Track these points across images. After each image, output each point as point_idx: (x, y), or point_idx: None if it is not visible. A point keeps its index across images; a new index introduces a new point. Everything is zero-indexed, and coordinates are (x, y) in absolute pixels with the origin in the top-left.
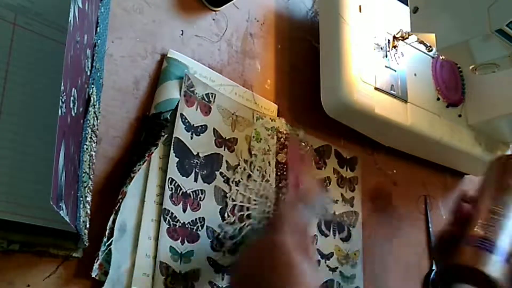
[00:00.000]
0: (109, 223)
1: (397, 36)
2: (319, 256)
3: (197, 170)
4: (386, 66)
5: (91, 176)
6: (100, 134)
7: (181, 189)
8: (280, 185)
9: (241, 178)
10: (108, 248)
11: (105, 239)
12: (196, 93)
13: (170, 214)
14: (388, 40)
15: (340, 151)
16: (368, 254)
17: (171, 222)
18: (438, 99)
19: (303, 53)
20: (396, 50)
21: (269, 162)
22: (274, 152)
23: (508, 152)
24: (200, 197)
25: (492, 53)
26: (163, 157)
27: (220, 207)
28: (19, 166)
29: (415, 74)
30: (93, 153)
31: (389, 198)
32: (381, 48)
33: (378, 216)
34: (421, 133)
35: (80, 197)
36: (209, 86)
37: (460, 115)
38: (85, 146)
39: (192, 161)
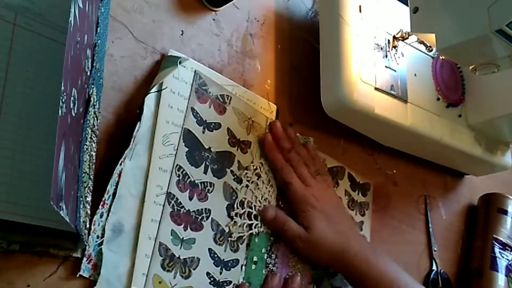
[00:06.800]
0: (102, 223)
1: (397, 36)
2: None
3: (207, 163)
4: (386, 66)
5: (91, 176)
6: (99, 134)
7: (189, 177)
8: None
9: (251, 179)
10: (100, 248)
11: (96, 239)
12: (210, 92)
13: (175, 199)
14: (388, 40)
15: (354, 175)
16: None
17: (175, 207)
18: (438, 99)
19: (303, 53)
20: (396, 50)
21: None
22: None
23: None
24: (208, 189)
25: (492, 53)
26: (163, 157)
27: (228, 203)
28: (19, 166)
29: (415, 74)
30: (93, 153)
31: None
32: (381, 48)
33: (377, 217)
34: (421, 133)
35: (80, 197)
36: (224, 88)
37: (460, 115)
38: (85, 146)
39: (202, 154)
